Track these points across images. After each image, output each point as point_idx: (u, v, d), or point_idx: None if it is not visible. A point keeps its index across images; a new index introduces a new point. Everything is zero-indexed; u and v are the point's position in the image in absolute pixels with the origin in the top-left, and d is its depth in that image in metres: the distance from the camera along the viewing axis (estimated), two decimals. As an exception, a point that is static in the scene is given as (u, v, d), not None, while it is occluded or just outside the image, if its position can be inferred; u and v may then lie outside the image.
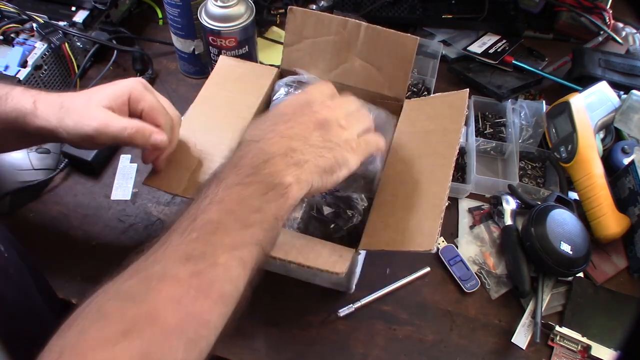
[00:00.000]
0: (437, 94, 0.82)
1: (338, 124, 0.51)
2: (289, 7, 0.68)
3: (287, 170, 0.46)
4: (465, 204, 0.77)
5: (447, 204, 0.54)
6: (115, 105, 0.55)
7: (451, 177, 0.55)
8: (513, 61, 0.90)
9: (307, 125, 0.50)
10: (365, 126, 0.55)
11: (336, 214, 0.63)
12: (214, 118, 0.65)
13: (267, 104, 0.70)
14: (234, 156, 0.48)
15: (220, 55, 0.74)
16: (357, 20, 0.67)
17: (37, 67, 0.80)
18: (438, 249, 0.72)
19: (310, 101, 0.52)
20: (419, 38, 0.65)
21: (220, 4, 0.74)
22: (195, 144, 0.62)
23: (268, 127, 0.49)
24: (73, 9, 0.87)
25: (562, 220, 0.69)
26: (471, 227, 0.75)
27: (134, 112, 0.57)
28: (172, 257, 0.40)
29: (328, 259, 0.52)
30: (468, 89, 0.63)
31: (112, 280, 0.40)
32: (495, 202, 0.76)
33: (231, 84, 0.69)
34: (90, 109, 0.54)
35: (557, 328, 0.65)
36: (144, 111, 0.57)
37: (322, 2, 0.97)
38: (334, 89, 0.55)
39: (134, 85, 0.57)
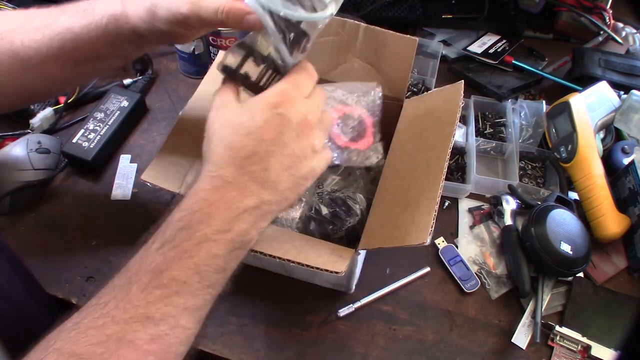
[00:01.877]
0: (433, 89, 0.82)
1: (312, 149, 0.47)
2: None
3: (255, 225, 0.45)
4: (465, 204, 0.77)
5: (442, 198, 0.54)
6: None
7: (445, 170, 0.55)
8: (513, 61, 0.90)
9: (280, 165, 0.45)
10: (327, 130, 0.51)
11: (334, 215, 0.63)
12: None
13: None
14: (207, 195, 0.44)
15: (220, 51, 0.74)
16: (355, 21, 0.67)
17: (37, 68, 0.80)
18: (438, 249, 0.72)
19: (286, 127, 0.45)
20: (418, 39, 0.65)
21: (220, 4, 0.74)
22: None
23: (242, 162, 0.44)
24: (73, 9, 0.88)
25: (562, 220, 0.69)
26: (471, 227, 0.75)
27: None
28: (132, 315, 0.39)
29: (328, 259, 0.52)
30: (463, 81, 0.63)
31: (71, 326, 0.39)
32: (495, 202, 0.75)
33: None
34: None
35: (557, 328, 0.65)
36: None
37: (322, 2, 0.97)
38: (312, 82, 0.49)
39: None
